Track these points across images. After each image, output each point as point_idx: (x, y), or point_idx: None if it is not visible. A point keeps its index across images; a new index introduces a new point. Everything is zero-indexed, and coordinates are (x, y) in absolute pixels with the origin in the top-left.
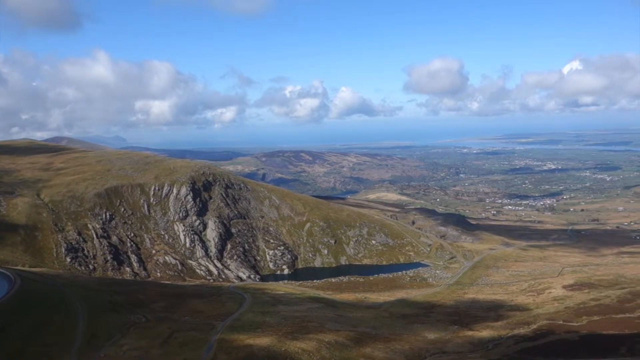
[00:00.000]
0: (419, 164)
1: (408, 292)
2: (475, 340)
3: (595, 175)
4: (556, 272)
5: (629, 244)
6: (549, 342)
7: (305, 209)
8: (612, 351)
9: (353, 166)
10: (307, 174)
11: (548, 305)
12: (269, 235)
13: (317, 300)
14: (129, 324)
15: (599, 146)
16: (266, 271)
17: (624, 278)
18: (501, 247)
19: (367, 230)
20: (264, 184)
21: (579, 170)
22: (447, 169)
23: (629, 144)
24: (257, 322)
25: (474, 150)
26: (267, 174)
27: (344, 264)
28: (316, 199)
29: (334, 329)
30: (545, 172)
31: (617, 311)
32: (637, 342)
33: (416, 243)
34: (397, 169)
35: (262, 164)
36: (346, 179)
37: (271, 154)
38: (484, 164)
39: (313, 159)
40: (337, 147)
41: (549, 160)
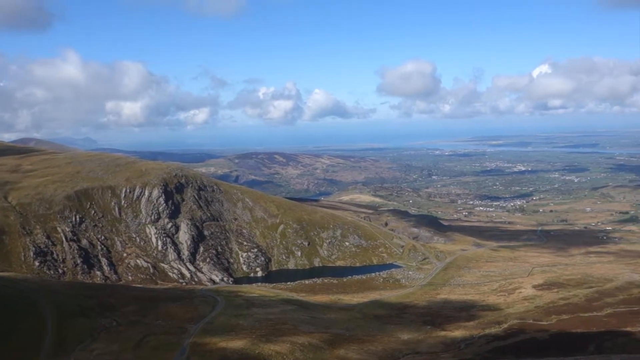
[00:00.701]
0: (391, 165)
1: (381, 293)
2: (447, 340)
3: (564, 177)
4: (526, 272)
5: (596, 244)
6: (520, 341)
7: (278, 211)
8: (581, 349)
9: (326, 168)
10: (280, 175)
11: (518, 304)
12: (242, 237)
13: (290, 303)
14: (100, 329)
15: (567, 148)
16: (239, 274)
17: (592, 277)
18: (473, 248)
19: (341, 232)
20: (237, 186)
21: (548, 172)
22: (420, 170)
23: (596, 146)
24: (231, 325)
25: (446, 152)
26: (240, 175)
27: (317, 265)
28: (290, 201)
29: (308, 331)
30: (516, 174)
31: (585, 310)
32: (604, 340)
33: (389, 244)
34: (370, 170)
35: (235, 165)
36: (320, 180)
37: (244, 156)
38: (455, 165)
39: (286, 160)
40: (310, 149)
41: (519, 162)
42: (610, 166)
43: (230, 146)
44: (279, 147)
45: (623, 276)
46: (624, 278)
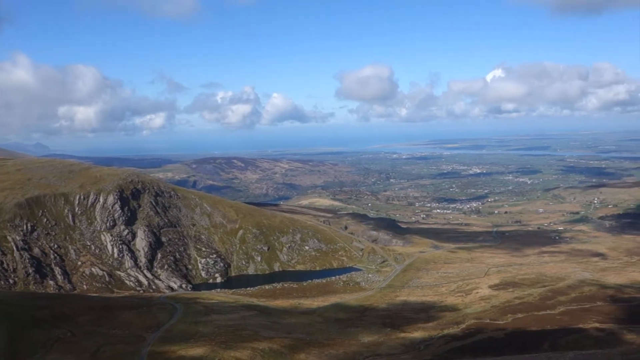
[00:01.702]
0: (350, 169)
1: (342, 297)
2: (407, 341)
3: (518, 179)
4: (483, 273)
5: (549, 244)
6: (477, 341)
7: (237, 216)
8: (536, 347)
9: (285, 172)
10: (239, 180)
11: (476, 304)
12: (200, 243)
13: (251, 308)
14: (54, 340)
15: (520, 151)
16: (198, 280)
17: (545, 277)
18: (431, 250)
19: (300, 236)
20: (195, 191)
21: (502, 174)
22: (378, 174)
23: (548, 148)
24: (190, 333)
25: (404, 155)
26: (198, 181)
27: (277, 270)
28: (249, 206)
29: (269, 336)
30: (471, 176)
31: (539, 308)
32: (558, 337)
33: (349, 248)
34: (330, 174)
35: (192, 171)
36: (279, 185)
37: (202, 161)
38: (413, 168)
39: (245, 165)
40: (269, 154)
41: (475, 164)
42: (561, 168)
43: (188, 151)
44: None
45: (575, 275)
46: (576, 277)
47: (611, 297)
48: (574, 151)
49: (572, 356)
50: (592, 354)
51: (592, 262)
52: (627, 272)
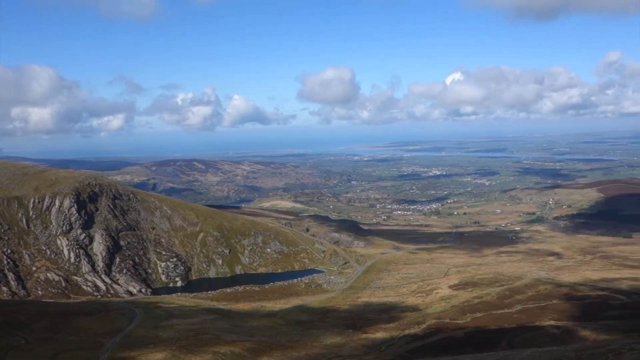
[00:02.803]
0: (312, 171)
1: (304, 299)
2: (369, 342)
3: (476, 180)
4: (443, 273)
5: (506, 244)
6: (438, 340)
7: (198, 219)
8: (494, 345)
9: (247, 174)
10: (200, 183)
11: (436, 304)
12: (160, 246)
13: (212, 312)
14: (7, 348)
15: (478, 153)
16: (158, 284)
17: (503, 276)
18: (392, 251)
19: (262, 239)
20: (155, 194)
21: (461, 176)
22: (340, 176)
23: (505, 150)
24: (150, 337)
25: (365, 157)
26: (158, 183)
27: (239, 273)
28: (210, 209)
29: (230, 339)
30: (431, 178)
31: (497, 307)
32: (515, 335)
33: (311, 250)
34: (291, 176)
35: (152, 173)
36: (240, 187)
37: (162, 163)
38: (374, 170)
39: (206, 167)
40: (230, 156)
41: (434, 166)
42: (518, 170)
43: (147, 153)
44: (198, 153)
45: (531, 274)
46: (532, 276)
47: (566, 295)
48: (530, 153)
49: (528, 353)
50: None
51: (548, 261)
52: (581, 271)
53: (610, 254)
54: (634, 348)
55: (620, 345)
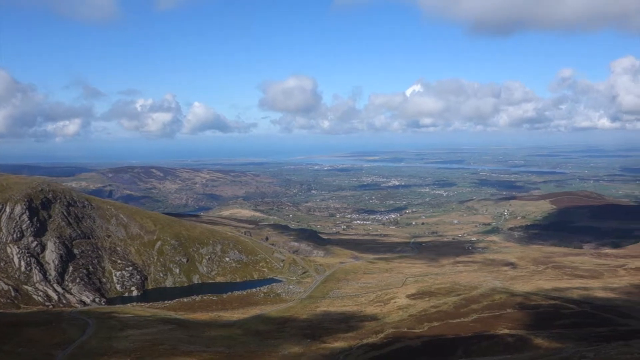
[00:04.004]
0: (272, 180)
1: (262, 309)
2: (327, 352)
3: (434, 191)
4: (400, 283)
5: (463, 254)
6: (395, 349)
7: (155, 227)
8: (450, 354)
9: (206, 182)
10: (158, 190)
11: (394, 314)
12: (116, 255)
13: (168, 322)
14: None
15: (437, 164)
16: (113, 294)
17: (459, 285)
18: (351, 261)
19: (221, 248)
20: (111, 202)
21: (420, 187)
22: (300, 185)
23: (462, 162)
24: (103, 349)
25: (325, 167)
26: (115, 190)
27: (196, 282)
28: (168, 217)
29: (187, 350)
30: (390, 188)
31: (453, 316)
32: (471, 344)
33: (270, 259)
34: (251, 185)
35: (109, 180)
36: (199, 195)
37: (119, 170)
38: (334, 180)
39: (164, 175)
40: (190, 163)
41: (394, 177)
42: (474, 181)
43: (104, 160)
44: (157, 160)
45: (487, 283)
46: (488, 285)
47: (520, 304)
48: (487, 165)
49: None
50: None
51: (503, 271)
52: (534, 280)
53: (561, 264)
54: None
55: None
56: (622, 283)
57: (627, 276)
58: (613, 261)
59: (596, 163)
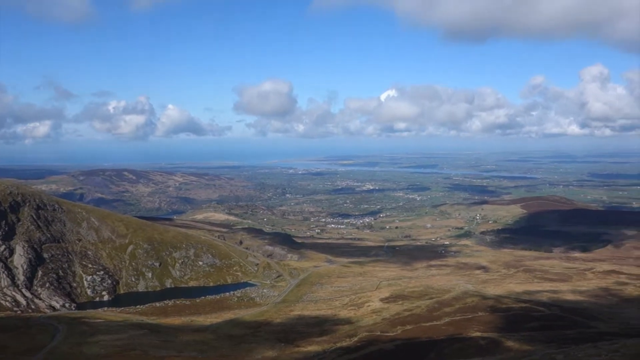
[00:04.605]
0: (246, 184)
1: (236, 313)
2: (301, 355)
3: (408, 195)
4: (374, 286)
5: (436, 258)
6: (369, 353)
7: (128, 231)
8: (423, 356)
9: (180, 186)
10: (130, 193)
11: (367, 317)
12: (87, 259)
13: (140, 327)
14: None
15: (410, 169)
16: (84, 299)
17: (432, 289)
18: (325, 264)
19: (194, 252)
20: (82, 205)
21: (394, 191)
22: (274, 189)
23: (436, 167)
24: (74, 355)
25: (300, 170)
26: (86, 193)
27: (169, 287)
28: (140, 220)
29: (159, 355)
30: (365, 192)
31: (426, 320)
32: (444, 346)
33: (244, 263)
34: (225, 188)
35: (80, 183)
36: (172, 198)
37: (90, 173)
38: (309, 184)
39: (137, 178)
40: (163, 166)
41: (368, 181)
42: (448, 186)
43: (75, 162)
44: (129, 163)
45: (459, 287)
46: (460, 288)
47: (491, 307)
48: (460, 170)
49: None
50: None
51: (475, 274)
52: (505, 284)
53: (532, 267)
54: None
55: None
56: (591, 286)
57: (595, 279)
58: (581, 265)
59: (566, 169)
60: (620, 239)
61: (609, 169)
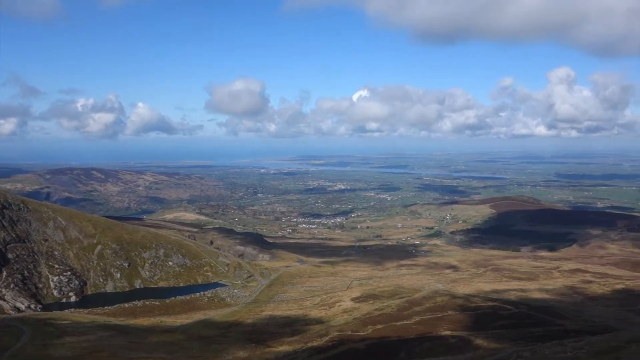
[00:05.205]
0: (218, 183)
1: (206, 313)
2: (272, 356)
3: (379, 195)
4: (345, 286)
5: (406, 258)
6: (340, 353)
7: (96, 231)
8: (393, 355)
9: (150, 185)
10: (99, 193)
11: (338, 317)
12: (53, 259)
13: (108, 328)
14: None
15: (381, 169)
16: (50, 300)
17: (403, 288)
18: (296, 264)
19: (164, 252)
20: (49, 204)
21: (365, 191)
22: (246, 188)
23: (407, 167)
24: (38, 357)
25: (272, 170)
26: (53, 193)
27: (138, 287)
28: (109, 220)
29: (127, 357)
30: (336, 192)
31: (397, 319)
32: (414, 345)
33: (214, 263)
34: (196, 188)
35: (46, 182)
36: (142, 198)
37: (58, 171)
38: (280, 184)
39: (106, 177)
40: (132, 165)
41: (339, 181)
42: (418, 186)
43: (42, 160)
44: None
45: (429, 286)
46: (430, 288)
47: (461, 306)
48: (430, 170)
49: None
50: None
51: (445, 274)
52: (474, 283)
53: (500, 266)
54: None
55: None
56: (557, 285)
57: (561, 278)
58: (548, 264)
59: (533, 169)
60: (585, 238)
61: (575, 169)
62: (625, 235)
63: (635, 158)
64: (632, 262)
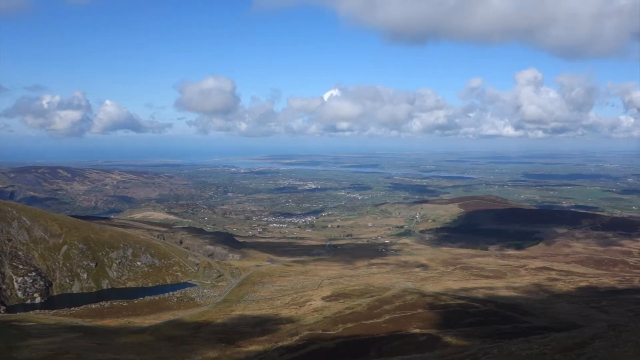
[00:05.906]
0: (187, 182)
1: (175, 314)
2: (242, 355)
3: (350, 195)
4: (316, 285)
5: (377, 256)
6: (310, 352)
7: (62, 230)
8: (364, 354)
9: (117, 184)
10: (65, 192)
11: (309, 316)
12: (17, 260)
13: (74, 329)
14: None
15: (352, 168)
16: (14, 301)
17: (373, 287)
18: (267, 264)
19: (132, 251)
20: (13, 203)
21: (336, 190)
22: (216, 187)
23: (377, 166)
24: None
25: (242, 169)
26: (17, 192)
27: (106, 288)
28: (75, 219)
29: (95, 359)
30: (307, 191)
31: (367, 317)
32: (384, 344)
33: (184, 263)
34: (165, 187)
35: (10, 180)
36: (110, 197)
37: (22, 170)
38: (251, 183)
39: (72, 175)
40: (100, 164)
41: (310, 180)
42: (388, 185)
43: (6, 159)
44: (64, 161)
45: (399, 285)
46: (400, 286)
47: (430, 304)
48: (400, 170)
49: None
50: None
51: (415, 272)
52: (443, 281)
53: (469, 265)
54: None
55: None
56: (524, 282)
57: (527, 276)
58: (515, 262)
59: (501, 169)
60: (551, 236)
61: (542, 169)
62: (590, 234)
63: (599, 158)
64: (596, 260)
